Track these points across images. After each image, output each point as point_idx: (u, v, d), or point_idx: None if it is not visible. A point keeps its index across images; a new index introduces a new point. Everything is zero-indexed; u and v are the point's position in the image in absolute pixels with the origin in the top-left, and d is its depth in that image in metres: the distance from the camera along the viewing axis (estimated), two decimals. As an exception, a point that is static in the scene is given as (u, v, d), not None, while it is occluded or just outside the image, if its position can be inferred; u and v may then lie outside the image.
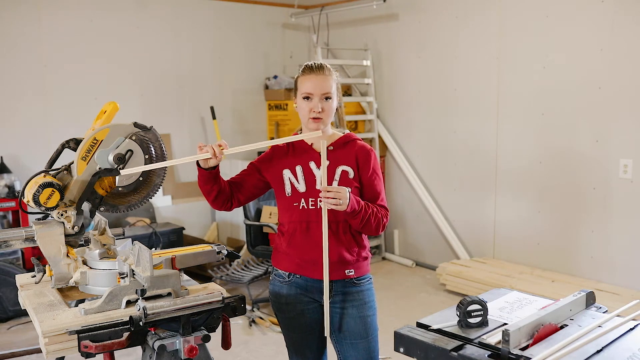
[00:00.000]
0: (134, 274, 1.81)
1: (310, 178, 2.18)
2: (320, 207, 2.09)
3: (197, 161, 2.12)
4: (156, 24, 5.58)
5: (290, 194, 2.19)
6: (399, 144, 5.75)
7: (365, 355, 2.23)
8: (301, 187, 2.19)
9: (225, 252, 2.20)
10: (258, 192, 2.29)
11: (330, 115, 2.19)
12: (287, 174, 2.21)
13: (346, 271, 2.18)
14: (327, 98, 2.16)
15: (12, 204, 4.56)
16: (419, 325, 1.70)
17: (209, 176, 2.14)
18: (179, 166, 5.79)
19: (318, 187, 2.16)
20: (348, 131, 2.32)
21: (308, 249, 2.17)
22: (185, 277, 2.09)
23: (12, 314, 4.17)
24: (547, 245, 4.64)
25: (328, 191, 2.00)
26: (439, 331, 1.65)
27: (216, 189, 2.18)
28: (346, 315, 2.21)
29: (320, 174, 2.11)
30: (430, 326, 1.68)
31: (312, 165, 2.19)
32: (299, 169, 2.19)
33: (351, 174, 2.19)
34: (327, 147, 2.17)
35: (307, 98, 2.15)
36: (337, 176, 2.17)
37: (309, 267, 2.18)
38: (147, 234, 4.86)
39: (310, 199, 2.17)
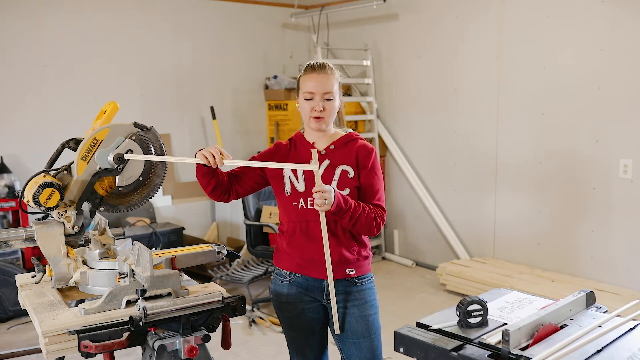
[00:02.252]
0: (134, 274, 1.82)
1: (310, 178, 2.17)
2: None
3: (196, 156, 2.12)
4: (156, 24, 5.58)
5: (289, 194, 2.19)
6: (399, 144, 5.75)
7: (369, 354, 2.23)
8: (300, 187, 2.18)
9: (225, 252, 2.21)
10: (257, 187, 2.30)
11: (332, 114, 2.18)
12: (287, 172, 2.20)
13: (347, 270, 2.18)
14: (328, 98, 2.15)
15: (12, 204, 4.56)
16: (419, 325, 1.70)
17: (206, 170, 2.16)
18: (179, 166, 5.79)
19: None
20: (351, 130, 2.31)
21: (308, 249, 2.17)
22: (185, 277, 2.09)
23: (12, 314, 4.17)
24: (547, 245, 4.64)
25: (317, 191, 1.98)
26: (439, 331, 1.65)
27: (213, 182, 2.19)
28: (348, 315, 2.21)
29: (316, 181, 2.06)
30: (430, 326, 1.67)
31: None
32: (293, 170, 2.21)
33: (351, 174, 2.17)
34: (329, 146, 2.19)
35: (309, 98, 2.16)
36: (336, 176, 2.16)
37: (310, 266, 2.18)
38: (147, 234, 4.86)
39: (309, 199, 2.17)
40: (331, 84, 2.16)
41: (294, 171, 2.20)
